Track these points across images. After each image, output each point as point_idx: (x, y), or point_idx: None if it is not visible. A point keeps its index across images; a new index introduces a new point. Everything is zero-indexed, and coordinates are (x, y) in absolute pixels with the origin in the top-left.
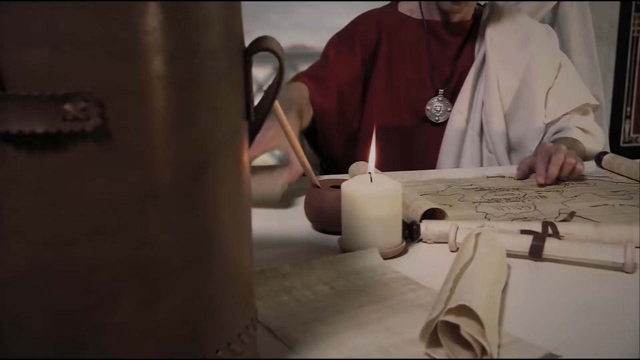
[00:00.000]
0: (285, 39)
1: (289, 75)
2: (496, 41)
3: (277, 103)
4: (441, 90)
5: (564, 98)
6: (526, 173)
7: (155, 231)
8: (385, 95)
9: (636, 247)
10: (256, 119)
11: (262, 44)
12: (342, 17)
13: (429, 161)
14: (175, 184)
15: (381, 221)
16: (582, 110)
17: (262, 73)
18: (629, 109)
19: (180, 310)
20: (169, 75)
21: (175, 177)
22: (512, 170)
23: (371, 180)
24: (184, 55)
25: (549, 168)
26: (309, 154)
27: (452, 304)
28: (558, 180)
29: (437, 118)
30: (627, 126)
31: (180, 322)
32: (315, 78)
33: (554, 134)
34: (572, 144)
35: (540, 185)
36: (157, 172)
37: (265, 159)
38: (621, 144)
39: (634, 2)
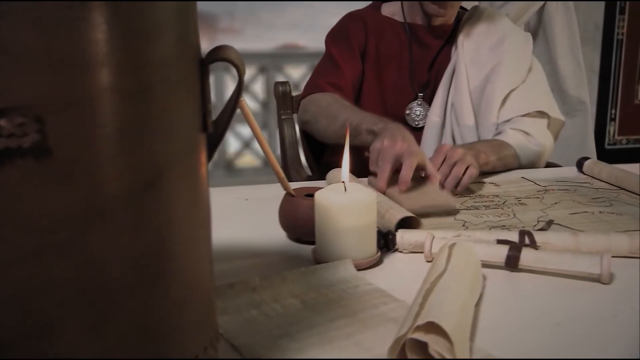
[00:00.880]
0: (278, 39)
1: (290, 74)
2: (470, 42)
3: (246, 106)
4: (420, 95)
5: (522, 101)
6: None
7: (102, 250)
8: (374, 98)
9: (613, 257)
10: (216, 130)
11: (219, 54)
12: (335, 17)
13: None
14: (124, 200)
15: (355, 231)
16: (539, 116)
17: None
18: (613, 111)
19: (131, 333)
20: (116, 87)
21: (124, 193)
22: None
23: (345, 190)
24: (131, 66)
25: (447, 181)
26: (294, 161)
27: (421, 320)
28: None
29: (417, 123)
30: (612, 128)
31: (132, 346)
32: (336, 87)
33: (496, 134)
34: (497, 146)
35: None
36: (103, 188)
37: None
38: (606, 146)
39: (618, 4)
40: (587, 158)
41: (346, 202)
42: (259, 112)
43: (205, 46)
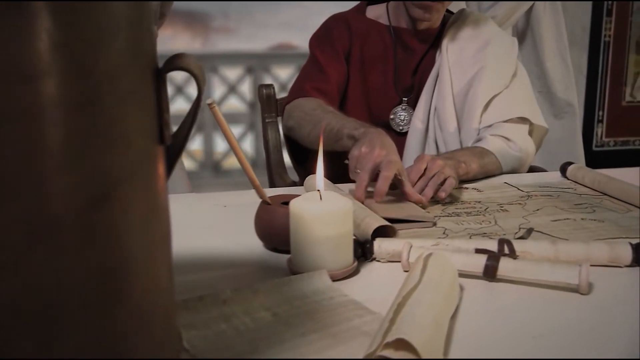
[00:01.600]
0: (272, 38)
1: (278, 75)
2: (454, 47)
3: (219, 112)
4: (405, 99)
5: (504, 107)
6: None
7: (48, 271)
8: (359, 102)
9: (593, 266)
10: (175, 142)
11: (177, 63)
12: (328, 17)
13: None
14: (72, 219)
15: (331, 241)
16: (520, 122)
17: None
18: (601, 113)
19: (84, 356)
20: (60, 99)
21: (71, 211)
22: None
23: (320, 198)
24: (77, 77)
25: (426, 191)
26: (279, 168)
27: (391, 337)
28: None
29: (401, 128)
30: (599, 130)
31: None
32: (321, 92)
33: (477, 140)
34: (478, 153)
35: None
36: (48, 206)
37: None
38: (593, 148)
39: (605, 6)
40: (570, 163)
41: (321, 211)
42: (246, 113)
43: (199, 46)
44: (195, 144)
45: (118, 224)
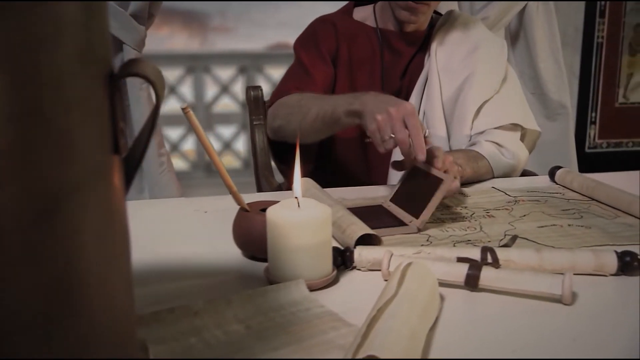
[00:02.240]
0: (270, 38)
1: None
2: (443, 50)
3: (193, 116)
4: None
5: (496, 113)
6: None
7: None
8: None
9: (578, 275)
10: (133, 151)
11: (132, 69)
12: (314, 19)
13: (384, 174)
14: (13, 233)
15: (309, 249)
16: (512, 129)
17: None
18: (594, 114)
19: None
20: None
21: (13, 226)
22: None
23: (298, 205)
24: (18, 85)
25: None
26: (265, 171)
27: (362, 353)
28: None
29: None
30: (592, 132)
31: None
32: (304, 92)
33: (470, 145)
34: (472, 157)
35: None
36: None
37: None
38: (586, 150)
39: (598, 7)
40: (559, 167)
41: (299, 219)
42: (239, 113)
43: (197, 46)
44: (187, 144)
45: (67, 237)
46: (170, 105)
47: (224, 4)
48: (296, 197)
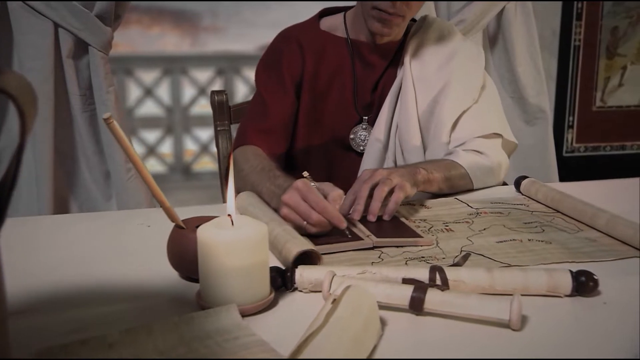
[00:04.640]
0: (261, 38)
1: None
2: (417, 59)
3: (118, 127)
4: (365, 118)
5: (475, 124)
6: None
7: None
8: (311, 121)
9: (531, 296)
10: (2, 182)
11: None
12: (277, 35)
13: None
14: None
15: (243, 271)
16: (493, 137)
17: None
18: (571, 118)
19: None
20: None
21: None
22: (423, 196)
23: (232, 223)
24: None
25: (371, 204)
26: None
27: None
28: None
29: (362, 148)
30: (570, 136)
31: None
32: (263, 132)
33: (447, 154)
34: (444, 165)
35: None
36: None
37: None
38: (564, 154)
39: (575, 9)
40: (525, 177)
41: (232, 239)
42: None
43: (187, 46)
44: (165, 146)
45: None
46: (147, 109)
47: (215, 4)
48: (229, 215)
